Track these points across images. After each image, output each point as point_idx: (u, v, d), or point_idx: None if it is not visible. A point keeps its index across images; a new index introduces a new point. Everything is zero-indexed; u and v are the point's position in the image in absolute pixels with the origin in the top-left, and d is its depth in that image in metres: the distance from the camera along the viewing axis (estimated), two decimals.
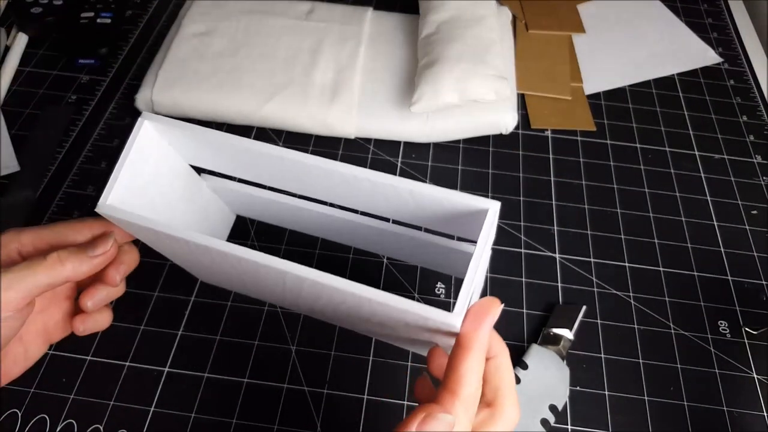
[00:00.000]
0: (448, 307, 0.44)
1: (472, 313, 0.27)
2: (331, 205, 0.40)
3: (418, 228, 0.39)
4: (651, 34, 0.67)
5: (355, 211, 0.40)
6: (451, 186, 0.52)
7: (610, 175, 0.54)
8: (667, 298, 0.46)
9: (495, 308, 0.27)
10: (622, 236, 0.50)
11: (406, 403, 0.40)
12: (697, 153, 0.56)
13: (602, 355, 0.43)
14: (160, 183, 0.36)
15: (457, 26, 0.55)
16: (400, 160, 0.54)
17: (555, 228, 0.50)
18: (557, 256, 0.48)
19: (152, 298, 0.44)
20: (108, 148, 0.53)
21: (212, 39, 0.57)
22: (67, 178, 0.51)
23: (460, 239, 0.39)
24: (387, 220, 0.40)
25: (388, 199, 0.33)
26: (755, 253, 0.49)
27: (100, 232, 0.34)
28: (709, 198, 0.53)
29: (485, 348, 0.27)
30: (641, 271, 0.48)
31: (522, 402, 0.39)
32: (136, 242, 0.36)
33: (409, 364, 0.42)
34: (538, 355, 0.41)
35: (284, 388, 0.40)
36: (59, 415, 0.38)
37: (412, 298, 0.45)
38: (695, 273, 0.48)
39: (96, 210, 0.31)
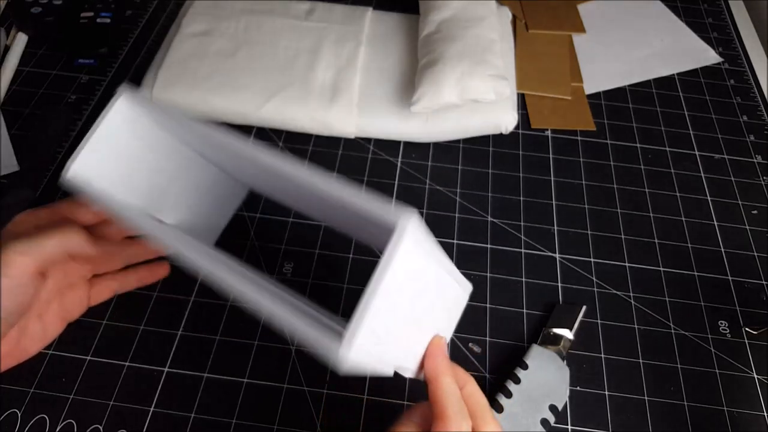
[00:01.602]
0: None
1: (429, 356, 0.30)
2: None
3: None
4: (651, 34, 0.67)
5: None
6: (451, 186, 0.52)
7: (610, 175, 0.54)
8: (667, 298, 0.46)
9: (441, 343, 0.30)
10: (622, 236, 0.50)
11: (405, 402, 0.40)
12: (697, 153, 0.56)
13: (602, 355, 0.43)
14: (144, 161, 0.35)
15: (458, 26, 0.55)
16: (400, 159, 0.54)
17: (555, 228, 0.50)
18: (557, 255, 0.48)
19: (152, 298, 0.44)
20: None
21: (212, 39, 0.57)
22: None
23: None
24: None
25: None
26: (755, 253, 0.49)
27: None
28: (709, 198, 0.53)
29: (450, 372, 0.29)
30: (641, 271, 0.48)
31: (522, 402, 0.39)
32: None
33: None
34: (538, 356, 0.41)
35: (284, 388, 0.40)
36: (59, 415, 0.38)
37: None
38: (695, 273, 0.48)
39: (59, 183, 0.31)
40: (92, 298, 0.37)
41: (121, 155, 0.34)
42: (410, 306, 0.27)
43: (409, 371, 0.30)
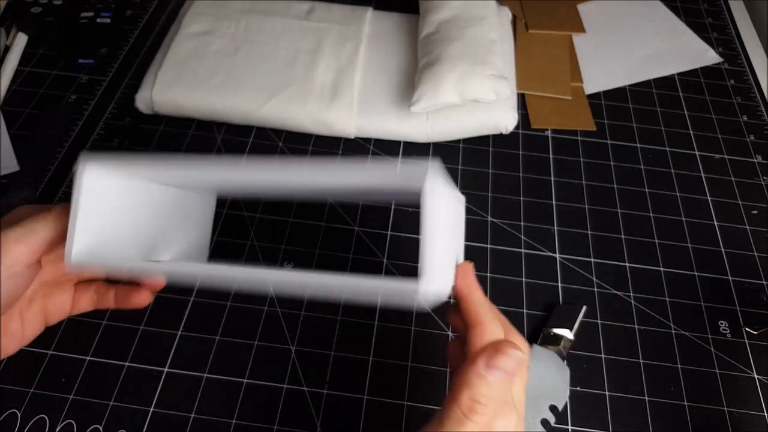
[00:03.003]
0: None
1: (461, 276, 0.30)
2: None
3: None
4: (651, 34, 0.67)
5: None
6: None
7: (610, 175, 0.54)
8: (667, 298, 0.46)
9: (470, 265, 0.31)
10: (622, 236, 0.50)
11: (406, 403, 0.40)
12: (697, 153, 0.56)
13: (602, 355, 0.43)
14: (125, 214, 0.34)
15: (458, 26, 0.55)
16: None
17: (555, 228, 0.50)
18: (557, 255, 0.48)
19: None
20: (107, 148, 0.53)
21: (212, 39, 0.57)
22: (66, 177, 0.51)
23: None
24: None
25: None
26: (755, 253, 0.49)
27: None
28: (709, 198, 0.53)
29: (480, 289, 0.30)
30: (641, 271, 0.48)
31: None
32: None
33: (409, 364, 0.42)
34: (538, 356, 0.41)
35: (284, 388, 0.40)
36: (59, 415, 0.38)
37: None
38: (695, 273, 0.48)
39: (66, 269, 0.30)
40: (74, 306, 0.36)
41: (111, 218, 0.33)
42: (449, 234, 0.30)
43: (446, 294, 0.31)
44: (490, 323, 0.29)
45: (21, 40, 0.60)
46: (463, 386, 0.27)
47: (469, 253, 0.48)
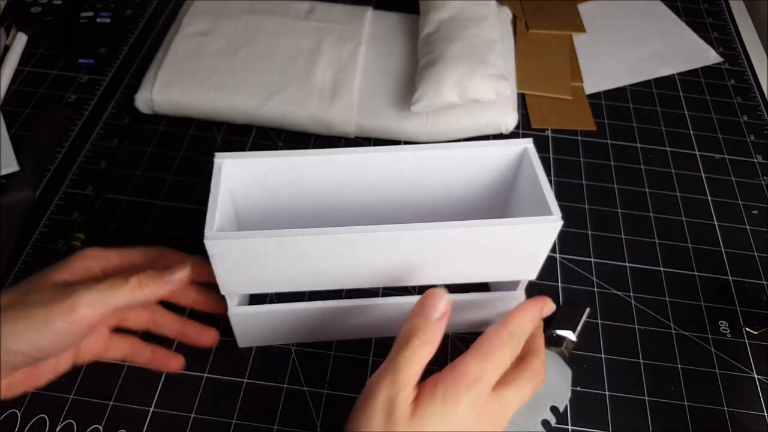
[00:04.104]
0: None
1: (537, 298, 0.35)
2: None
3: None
4: (651, 34, 0.67)
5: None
6: None
7: (610, 175, 0.54)
8: (667, 298, 0.46)
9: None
10: (623, 236, 0.50)
11: None
12: (697, 153, 0.56)
13: (603, 355, 0.43)
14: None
15: (458, 25, 0.55)
16: None
17: None
18: (557, 255, 0.48)
19: None
20: (107, 148, 0.53)
21: (212, 38, 0.57)
22: (66, 177, 0.51)
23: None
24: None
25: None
26: (756, 253, 0.49)
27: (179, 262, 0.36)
28: (709, 198, 0.53)
29: (531, 315, 0.34)
30: (642, 271, 0.48)
31: None
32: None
33: None
34: None
35: (284, 388, 0.40)
36: (59, 415, 0.38)
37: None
38: (696, 273, 0.48)
39: (206, 240, 0.31)
40: (105, 351, 0.38)
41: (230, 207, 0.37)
42: None
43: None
44: (510, 337, 0.32)
45: (21, 40, 0.60)
46: (405, 323, 0.32)
47: None
